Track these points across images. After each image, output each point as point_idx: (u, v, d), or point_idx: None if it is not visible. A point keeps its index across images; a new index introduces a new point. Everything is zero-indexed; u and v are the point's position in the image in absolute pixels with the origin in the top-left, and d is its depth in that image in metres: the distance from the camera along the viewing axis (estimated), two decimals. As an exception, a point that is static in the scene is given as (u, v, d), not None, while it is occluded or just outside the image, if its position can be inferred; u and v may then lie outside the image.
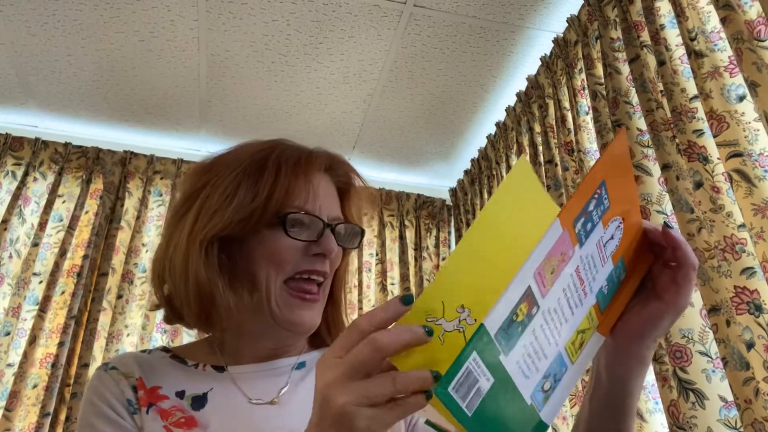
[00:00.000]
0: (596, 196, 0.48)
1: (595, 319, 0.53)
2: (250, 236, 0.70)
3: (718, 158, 1.20)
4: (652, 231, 0.55)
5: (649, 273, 0.57)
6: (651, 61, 1.45)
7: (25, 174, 2.34)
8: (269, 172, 0.70)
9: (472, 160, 2.57)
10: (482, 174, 2.45)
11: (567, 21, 1.81)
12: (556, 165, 1.84)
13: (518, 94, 2.12)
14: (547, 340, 0.47)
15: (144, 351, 0.74)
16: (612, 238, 0.51)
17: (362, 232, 0.76)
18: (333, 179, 0.77)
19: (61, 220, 2.34)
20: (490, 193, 2.36)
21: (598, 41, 1.66)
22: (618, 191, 0.51)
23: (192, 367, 0.71)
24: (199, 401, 0.67)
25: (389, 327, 0.42)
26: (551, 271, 0.45)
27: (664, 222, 0.54)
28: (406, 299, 0.42)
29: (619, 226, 0.52)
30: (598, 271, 0.51)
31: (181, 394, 0.68)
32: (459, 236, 2.67)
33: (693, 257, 0.54)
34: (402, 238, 2.64)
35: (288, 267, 0.69)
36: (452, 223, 2.79)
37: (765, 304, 1.07)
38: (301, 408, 0.69)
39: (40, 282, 2.22)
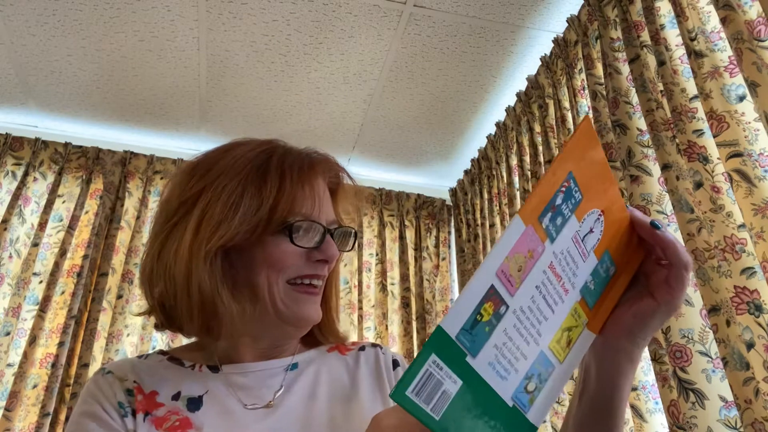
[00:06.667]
0: (563, 189, 0.47)
1: (583, 315, 0.52)
2: (252, 245, 0.68)
3: (718, 158, 1.20)
4: (640, 225, 0.53)
5: (642, 268, 0.56)
6: (651, 61, 1.45)
7: (25, 174, 2.34)
8: (272, 180, 0.68)
9: (472, 160, 2.57)
10: (482, 174, 2.45)
11: (567, 21, 1.81)
12: (556, 165, 1.83)
13: (518, 94, 2.12)
14: (525, 340, 0.46)
15: (141, 356, 0.74)
16: (591, 231, 0.50)
17: (356, 234, 0.77)
18: (324, 180, 0.76)
19: (61, 220, 2.34)
20: (490, 193, 2.36)
21: (598, 41, 1.66)
22: (592, 182, 0.49)
23: (189, 368, 0.72)
24: (195, 403, 0.68)
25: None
26: (518, 269, 0.44)
27: (651, 222, 0.53)
28: None
29: (598, 219, 0.51)
30: (579, 267, 0.50)
31: (176, 396, 0.68)
32: (459, 236, 2.67)
33: (685, 256, 0.53)
34: (402, 238, 2.64)
35: (290, 270, 0.69)
36: (452, 223, 2.79)
37: (765, 304, 1.07)
38: (293, 411, 0.69)
39: (40, 282, 2.22)
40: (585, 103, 1.74)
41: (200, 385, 0.70)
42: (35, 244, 2.24)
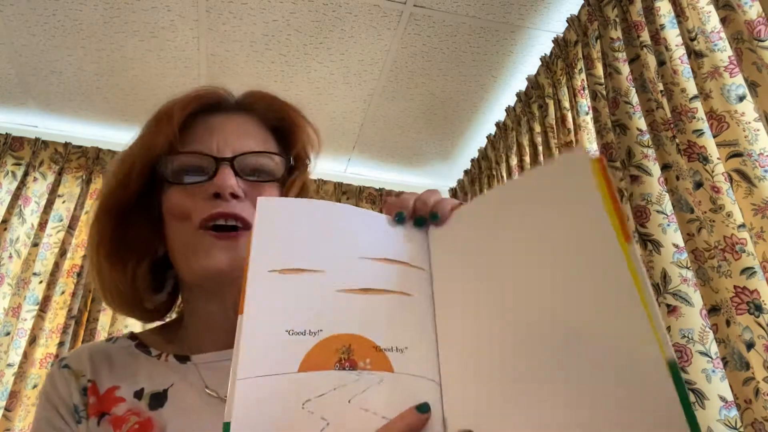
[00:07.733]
0: None
1: None
2: (158, 209, 0.67)
3: (718, 158, 1.20)
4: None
5: None
6: (651, 61, 1.45)
7: (25, 174, 2.34)
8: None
9: (472, 160, 2.57)
10: (482, 174, 2.45)
11: (567, 21, 1.81)
12: (556, 165, 1.83)
13: (518, 94, 2.12)
14: None
15: (109, 339, 0.70)
16: None
17: (287, 159, 0.69)
18: (259, 118, 0.72)
19: (61, 220, 2.34)
20: (490, 193, 2.36)
21: (598, 41, 1.66)
22: None
23: (155, 358, 0.66)
24: (158, 399, 0.62)
25: None
26: None
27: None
28: (423, 408, 0.41)
29: None
30: None
31: (139, 394, 0.63)
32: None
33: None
34: (402, 238, 2.63)
35: (193, 216, 0.62)
36: (452, 223, 2.79)
37: (765, 304, 1.07)
38: None
39: (40, 282, 2.22)
40: (585, 103, 1.74)
41: (165, 378, 0.64)
42: (35, 244, 2.24)
